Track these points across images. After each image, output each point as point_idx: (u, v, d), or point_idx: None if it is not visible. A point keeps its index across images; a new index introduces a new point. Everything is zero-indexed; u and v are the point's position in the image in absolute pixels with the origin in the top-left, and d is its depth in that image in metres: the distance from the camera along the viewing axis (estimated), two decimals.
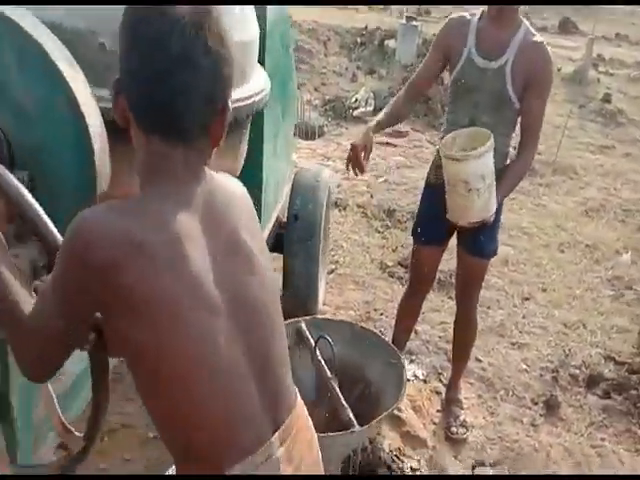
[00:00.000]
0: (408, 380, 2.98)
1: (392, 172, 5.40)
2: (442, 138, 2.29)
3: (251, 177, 2.60)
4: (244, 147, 2.08)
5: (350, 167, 2.30)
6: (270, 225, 2.92)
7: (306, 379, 2.23)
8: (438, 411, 2.81)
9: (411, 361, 3.12)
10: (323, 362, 2.22)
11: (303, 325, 2.36)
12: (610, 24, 14.09)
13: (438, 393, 2.90)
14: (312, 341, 2.29)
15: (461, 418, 2.69)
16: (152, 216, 0.87)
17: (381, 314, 3.47)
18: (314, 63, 8.38)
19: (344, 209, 4.69)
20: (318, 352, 2.24)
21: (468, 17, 2.25)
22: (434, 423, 2.75)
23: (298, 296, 3.05)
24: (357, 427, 1.95)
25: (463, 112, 2.25)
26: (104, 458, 2.32)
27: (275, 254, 3.06)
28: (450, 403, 2.77)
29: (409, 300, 2.72)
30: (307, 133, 6.05)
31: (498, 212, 2.30)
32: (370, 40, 9.40)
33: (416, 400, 2.83)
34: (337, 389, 2.08)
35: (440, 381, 3.00)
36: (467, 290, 2.58)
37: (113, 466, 2.34)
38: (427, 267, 2.57)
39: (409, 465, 2.51)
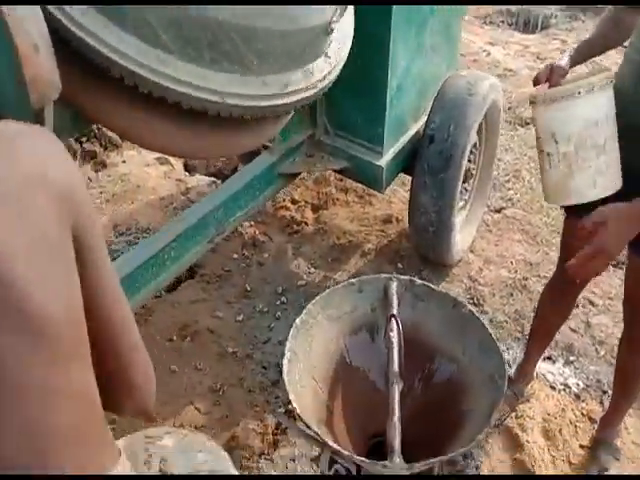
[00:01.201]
0: (553, 388, 2.18)
1: None
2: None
3: (373, 82, 1.92)
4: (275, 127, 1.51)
5: None
6: (402, 140, 2.23)
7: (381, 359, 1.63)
8: (582, 447, 1.99)
9: (567, 362, 2.28)
10: (396, 351, 1.56)
11: (394, 286, 1.68)
12: None
13: (592, 420, 2.06)
14: (394, 309, 1.63)
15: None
16: None
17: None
18: None
19: None
20: (395, 333, 1.58)
21: None
22: (569, 462, 1.95)
23: (422, 236, 2.40)
24: (396, 462, 1.30)
25: None
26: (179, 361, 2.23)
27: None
28: (599, 446, 1.93)
29: (554, 290, 1.86)
30: (526, 24, 4.80)
31: None
32: None
33: (554, 420, 2.05)
34: (395, 401, 1.43)
35: (602, 403, 2.13)
36: (634, 303, 1.63)
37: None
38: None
39: None
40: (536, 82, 1.38)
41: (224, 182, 2.02)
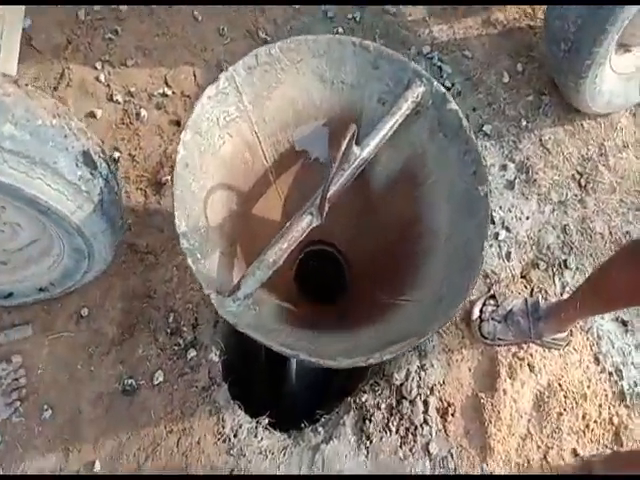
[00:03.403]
0: (596, 361, 1.50)
1: None
2: None
3: None
4: None
5: None
6: None
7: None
8: (576, 454, 1.39)
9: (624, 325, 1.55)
10: (335, 180, 1.10)
11: (419, 91, 1.17)
12: None
13: (617, 436, 1.42)
14: (394, 120, 1.11)
15: None
16: None
17: None
18: None
19: None
20: (344, 155, 1.04)
21: None
22: (544, 457, 1.38)
23: (552, 50, 1.62)
24: (227, 303, 1.00)
25: None
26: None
27: None
28: None
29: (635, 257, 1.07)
30: None
31: None
32: None
33: (562, 398, 1.45)
34: (291, 233, 1.02)
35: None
36: None
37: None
38: None
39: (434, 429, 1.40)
40: None
41: None
